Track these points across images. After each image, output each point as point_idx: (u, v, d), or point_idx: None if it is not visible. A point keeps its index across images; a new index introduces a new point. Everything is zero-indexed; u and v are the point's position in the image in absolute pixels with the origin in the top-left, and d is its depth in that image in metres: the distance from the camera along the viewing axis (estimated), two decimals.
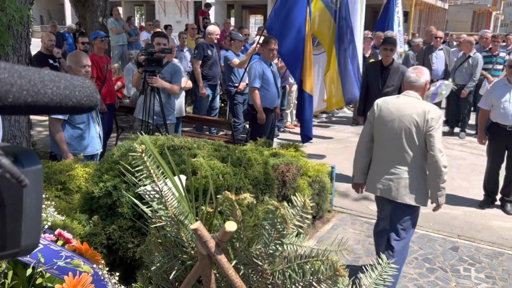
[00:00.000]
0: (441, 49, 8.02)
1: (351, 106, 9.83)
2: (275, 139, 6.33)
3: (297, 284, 0.85)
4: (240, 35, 7.53)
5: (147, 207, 0.95)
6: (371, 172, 3.23)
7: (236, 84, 6.72)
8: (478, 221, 4.61)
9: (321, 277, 0.83)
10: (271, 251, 0.83)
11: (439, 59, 7.95)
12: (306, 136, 6.40)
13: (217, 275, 0.98)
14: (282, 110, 7.58)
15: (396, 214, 3.11)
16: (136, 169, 0.89)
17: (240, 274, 0.88)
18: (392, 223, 3.14)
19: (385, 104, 3.11)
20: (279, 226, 0.82)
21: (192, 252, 0.94)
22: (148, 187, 0.90)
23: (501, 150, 4.83)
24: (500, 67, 7.70)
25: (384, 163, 3.11)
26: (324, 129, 8.36)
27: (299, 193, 0.83)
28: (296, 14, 5.87)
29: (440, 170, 2.92)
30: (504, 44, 8.44)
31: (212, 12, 20.84)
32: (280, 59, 6.64)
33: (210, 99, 7.27)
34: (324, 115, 9.32)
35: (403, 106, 3.02)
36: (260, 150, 3.93)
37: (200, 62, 6.96)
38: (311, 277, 0.85)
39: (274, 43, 5.28)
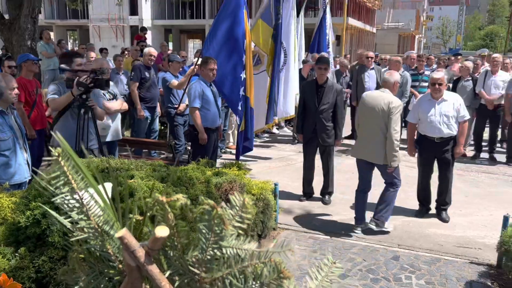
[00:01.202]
0: (373, 68, 8.44)
1: (290, 125, 10.02)
2: (218, 160, 6.25)
3: None
4: (178, 56, 7.46)
5: (65, 218, 0.85)
6: (357, 143, 4.77)
7: (176, 106, 6.60)
8: (415, 230, 4.79)
9: (264, 281, 0.78)
10: (209, 257, 0.77)
11: (371, 77, 8.36)
12: (246, 147, 6.55)
13: None
14: (224, 130, 7.54)
15: (383, 172, 4.55)
16: (52, 175, 0.79)
17: (176, 286, 0.80)
18: (385, 178, 4.59)
19: (366, 97, 4.60)
20: (216, 228, 0.76)
21: (120, 265, 0.85)
22: (67, 196, 0.80)
23: (430, 161, 5.09)
24: (426, 84, 8.23)
25: (366, 137, 4.53)
26: (265, 149, 8.42)
27: (238, 193, 0.77)
28: (233, 33, 5.91)
29: (393, 142, 4.33)
30: (426, 64, 9.11)
31: (149, 36, 20.61)
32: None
33: (149, 121, 7.07)
34: (266, 135, 9.40)
35: (378, 98, 4.45)
36: (202, 169, 3.83)
37: (137, 84, 6.77)
38: (254, 282, 0.79)
39: (214, 63, 5.27)
